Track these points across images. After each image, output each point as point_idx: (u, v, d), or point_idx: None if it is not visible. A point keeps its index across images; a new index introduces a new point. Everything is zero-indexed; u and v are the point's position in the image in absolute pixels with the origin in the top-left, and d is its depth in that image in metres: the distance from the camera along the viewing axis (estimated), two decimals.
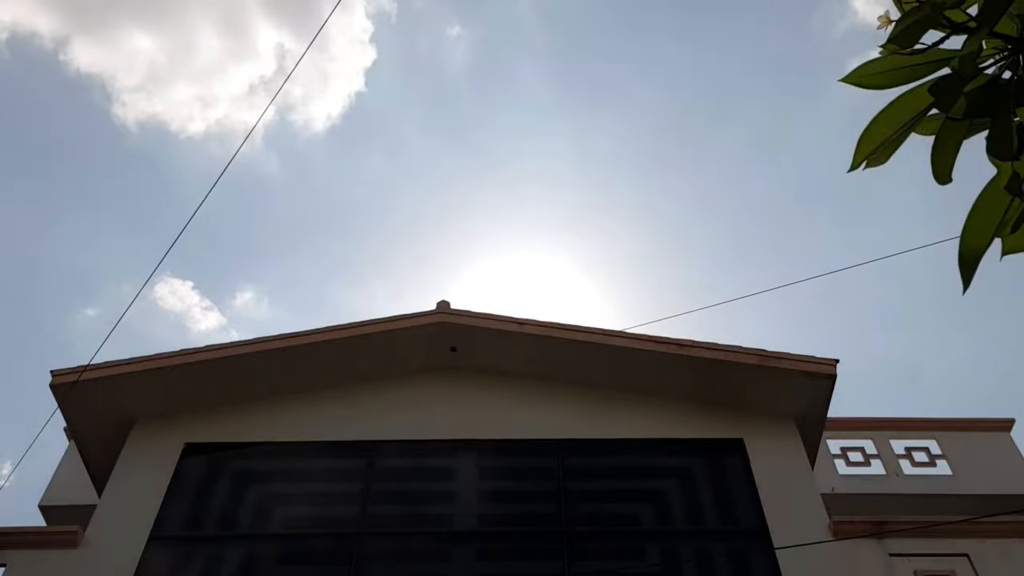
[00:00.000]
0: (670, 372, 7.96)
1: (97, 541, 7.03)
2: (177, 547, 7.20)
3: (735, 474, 7.56)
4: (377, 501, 7.52)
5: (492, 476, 7.77)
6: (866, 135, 1.84)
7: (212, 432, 7.96)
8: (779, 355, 7.74)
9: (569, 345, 8.09)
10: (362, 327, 8.25)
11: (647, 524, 7.41)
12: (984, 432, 10.18)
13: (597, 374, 8.17)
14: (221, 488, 7.67)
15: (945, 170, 1.85)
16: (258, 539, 7.36)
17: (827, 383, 7.71)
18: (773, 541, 6.88)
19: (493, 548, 7.27)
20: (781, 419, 7.87)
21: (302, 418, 8.05)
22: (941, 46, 1.76)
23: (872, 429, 10.21)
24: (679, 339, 7.95)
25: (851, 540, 6.81)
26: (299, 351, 8.07)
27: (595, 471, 7.85)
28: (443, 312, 8.33)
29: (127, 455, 7.76)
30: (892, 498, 9.50)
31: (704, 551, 7.16)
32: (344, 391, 8.25)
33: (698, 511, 7.47)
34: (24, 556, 6.92)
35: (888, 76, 1.80)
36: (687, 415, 7.97)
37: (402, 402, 8.21)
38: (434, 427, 7.99)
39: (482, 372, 8.42)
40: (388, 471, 7.80)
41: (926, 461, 9.91)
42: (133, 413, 7.97)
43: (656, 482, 7.83)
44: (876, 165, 1.88)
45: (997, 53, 1.76)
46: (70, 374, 7.65)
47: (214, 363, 7.94)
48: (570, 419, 7.98)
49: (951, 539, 6.87)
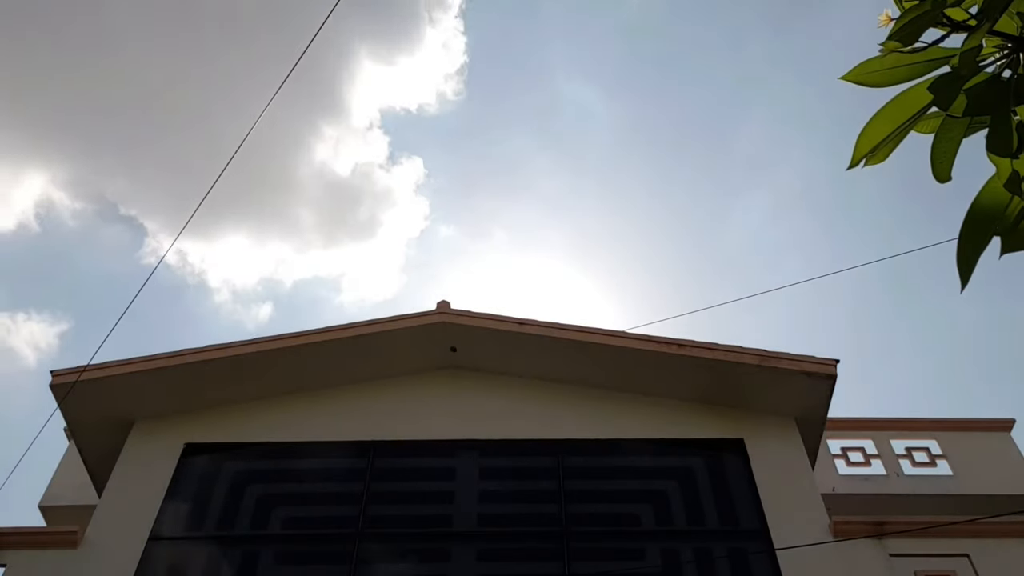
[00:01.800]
0: (670, 372, 7.95)
1: (97, 541, 7.03)
2: (177, 547, 7.20)
3: (735, 474, 7.55)
4: (377, 501, 7.51)
5: (492, 476, 7.76)
6: (865, 133, 1.83)
7: (212, 432, 7.96)
8: (779, 355, 7.73)
9: (569, 345, 8.08)
10: (362, 327, 8.24)
11: (647, 524, 7.40)
12: (984, 432, 10.17)
13: (597, 374, 8.17)
14: (221, 488, 7.66)
15: (945, 168, 1.85)
16: (258, 539, 7.35)
17: (827, 383, 7.70)
18: (773, 541, 6.87)
19: (493, 548, 7.27)
20: (781, 419, 7.87)
21: (302, 418, 8.04)
22: (941, 44, 1.76)
23: (872, 429, 10.20)
24: (679, 339, 7.94)
25: (851, 540, 6.80)
26: (299, 351, 8.07)
27: (595, 471, 7.84)
28: (443, 312, 8.32)
29: (127, 455, 7.76)
30: (892, 498, 9.48)
31: (704, 551, 7.16)
32: (344, 391, 8.25)
33: (698, 511, 7.46)
34: (24, 556, 6.91)
35: (888, 74, 1.80)
36: (687, 415, 7.97)
37: (402, 402, 8.21)
38: (434, 427, 7.98)
39: (482, 372, 8.42)
40: (388, 471, 7.79)
41: (926, 461, 9.90)
42: (133, 413, 7.97)
43: (656, 482, 7.82)
44: (876, 163, 1.88)
45: (997, 51, 1.76)
46: (70, 374, 7.65)
47: (214, 363, 7.94)
48: (570, 419, 7.97)
49: (951, 539, 6.86)
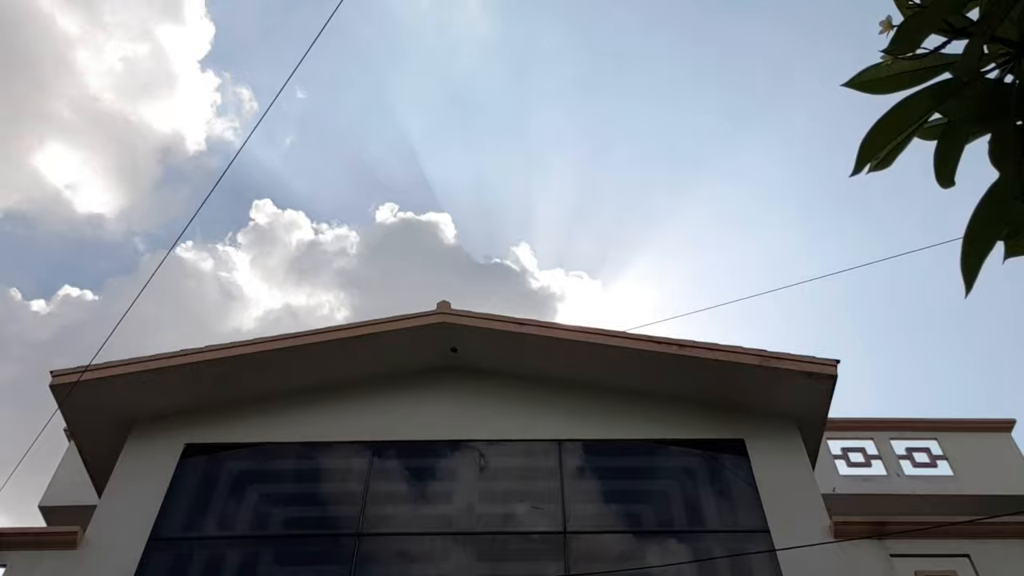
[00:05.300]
0: (670, 372, 7.95)
1: (97, 541, 7.03)
2: (177, 547, 7.20)
3: (736, 475, 7.55)
4: (377, 501, 7.51)
5: (492, 476, 7.76)
6: (869, 140, 1.83)
7: (212, 432, 7.96)
8: (779, 355, 7.72)
9: (569, 345, 8.08)
10: (362, 327, 8.24)
11: (647, 524, 7.40)
12: (985, 432, 10.17)
13: (597, 374, 8.16)
14: (221, 488, 7.66)
15: (948, 174, 1.85)
16: (258, 539, 7.35)
17: (828, 384, 7.69)
18: (774, 542, 6.87)
19: (493, 548, 7.26)
20: (782, 420, 7.86)
21: (302, 418, 8.04)
22: (943, 51, 1.76)
23: (873, 430, 10.19)
24: (679, 339, 7.94)
25: (852, 541, 6.80)
26: (299, 351, 8.06)
27: (595, 471, 7.83)
28: (443, 312, 8.31)
29: (127, 455, 7.76)
30: (893, 499, 9.48)
31: (704, 551, 7.15)
32: (344, 391, 8.25)
33: (698, 511, 7.46)
34: (24, 556, 6.92)
35: (890, 81, 1.79)
36: (687, 415, 7.96)
37: (402, 402, 8.20)
38: (434, 427, 7.98)
39: (482, 372, 8.41)
40: (388, 471, 7.79)
41: (927, 462, 9.90)
42: (133, 413, 7.97)
43: (656, 482, 7.83)
44: (880, 169, 1.87)
45: (999, 57, 1.76)
46: (70, 374, 7.64)
47: (214, 363, 7.93)
48: (570, 419, 7.97)
49: (952, 540, 6.86)
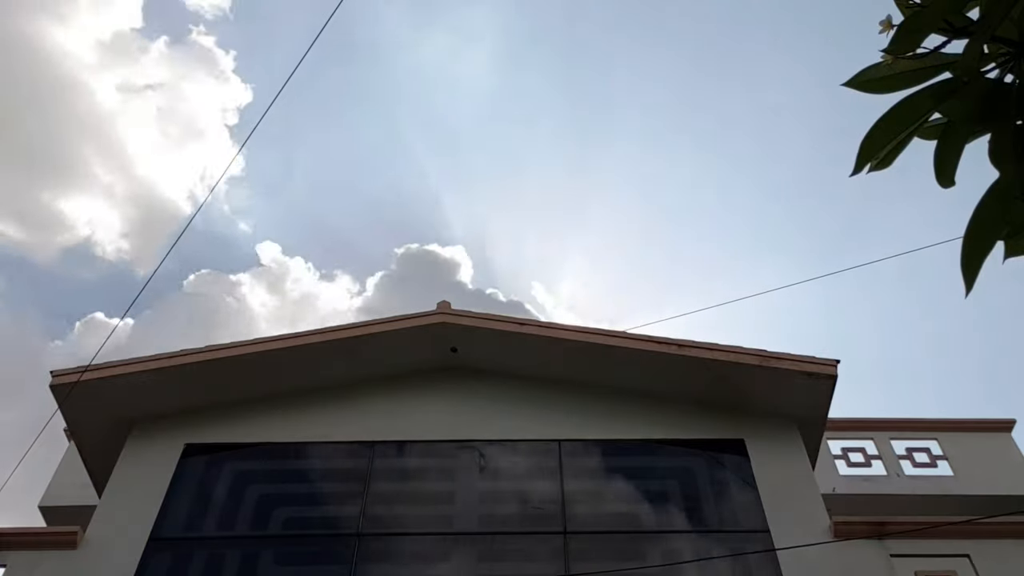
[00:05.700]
0: (670, 372, 7.95)
1: (97, 542, 7.03)
2: (177, 547, 7.20)
3: (736, 474, 7.55)
4: (377, 501, 7.51)
5: (492, 476, 7.76)
6: (869, 139, 1.83)
7: (212, 432, 7.96)
8: (779, 355, 7.72)
9: (569, 345, 8.08)
10: (362, 327, 8.24)
11: (647, 524, 7.40)
12: (985, 433, 10.18)
13: (597, 374, 8.16)
14: (221, 488, 7.66)
15: (948, 173, 1.85)
16: (258, 539, 7.35)
17: (828, 383, 7.69)
18: (774, 542, 6.87)
19: (493, 548, 7.26)
20: (782, 420, 7.86)
21: (302, 418, 8.04)
22: (943, 50, 1.76)
23: (873, 430, 10.20)
24: (679, 339, 7.94)
25: (852, 541, 6.80)
26: (299, 351, 8.06)
27: (595, 471, 7.83)
28: (443, 312, 8.31)
29: (127, 455, 7.75)
30: (893, 499, 9.49)
31: (704, 551, 7.15)
32: (344, 391, 8.24)
33: (698, 511, 7.46)
34: (24, 556, 6.91)
35: (890, 81, 1.79)
36: (687, 415, 7.96)
37: (402, 402, 8.20)
38: (434, 427, 7.98)
39: (482, 372, 8.41)
40: (388, 471, 7.79)
41: (927, 462, 9.91)
42: (133, 413, 7.96)
43: (656, 482, 7.82)
44: (881, 168, 1.87)
45: (999, 57, 1.75)
46: (70, 374, 7.64)
47: (214, 363, 7.93)
48: (570, 419, 7.97)
49: (952, 540, 6.86)
